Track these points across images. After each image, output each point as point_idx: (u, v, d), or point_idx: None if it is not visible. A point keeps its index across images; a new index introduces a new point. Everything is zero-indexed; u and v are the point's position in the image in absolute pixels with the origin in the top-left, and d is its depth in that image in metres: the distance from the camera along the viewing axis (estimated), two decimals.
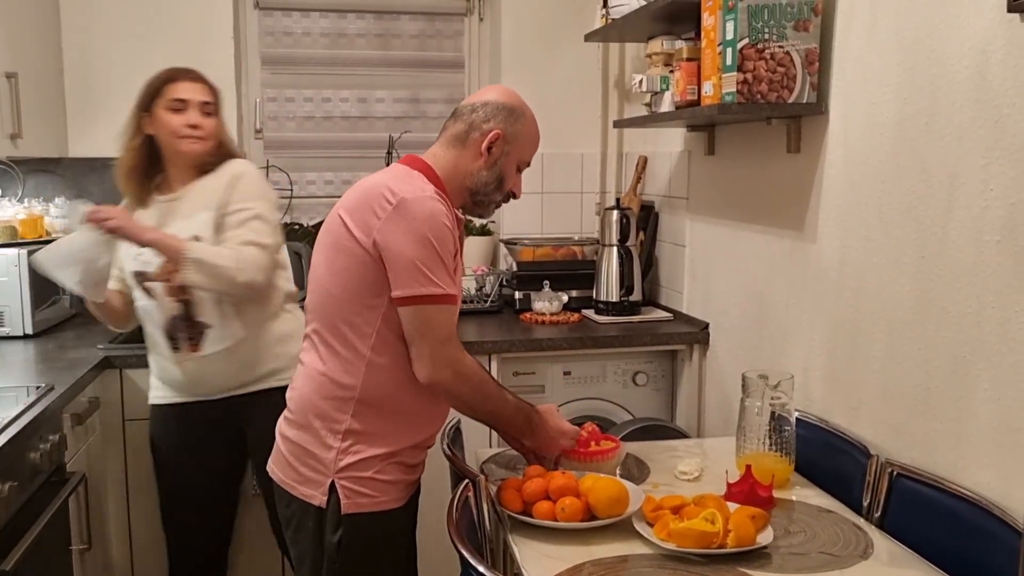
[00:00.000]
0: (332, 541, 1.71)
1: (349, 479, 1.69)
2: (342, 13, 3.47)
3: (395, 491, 1.74)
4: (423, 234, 1.61)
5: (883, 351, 1.88)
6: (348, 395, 1.68)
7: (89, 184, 3.17)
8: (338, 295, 1.68)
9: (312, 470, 1.72)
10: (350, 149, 3.52)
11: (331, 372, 1.70)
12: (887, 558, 1.57)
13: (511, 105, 1.80)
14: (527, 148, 1.83)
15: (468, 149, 1.77)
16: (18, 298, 2.69)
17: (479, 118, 1.77)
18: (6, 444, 1.74)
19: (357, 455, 1.69)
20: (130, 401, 2.55)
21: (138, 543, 2.61)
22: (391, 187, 1.64)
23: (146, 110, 2.24)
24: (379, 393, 1.69)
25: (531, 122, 1.83)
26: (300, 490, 1.73)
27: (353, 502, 1.69)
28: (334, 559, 1.71)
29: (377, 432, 1.70)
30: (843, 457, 1.93)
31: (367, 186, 1.69)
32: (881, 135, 1.87)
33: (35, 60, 2.84)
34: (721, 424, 2.74)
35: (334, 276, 1.69)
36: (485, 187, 1.79)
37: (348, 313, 1.67)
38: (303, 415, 1.74)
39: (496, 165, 1.78)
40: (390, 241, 1.61)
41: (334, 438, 1.69)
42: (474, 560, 1.40)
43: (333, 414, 1.70)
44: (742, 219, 2.55)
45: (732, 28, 2.05)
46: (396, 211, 1.61)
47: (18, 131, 2.61)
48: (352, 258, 1.65)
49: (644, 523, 1.63)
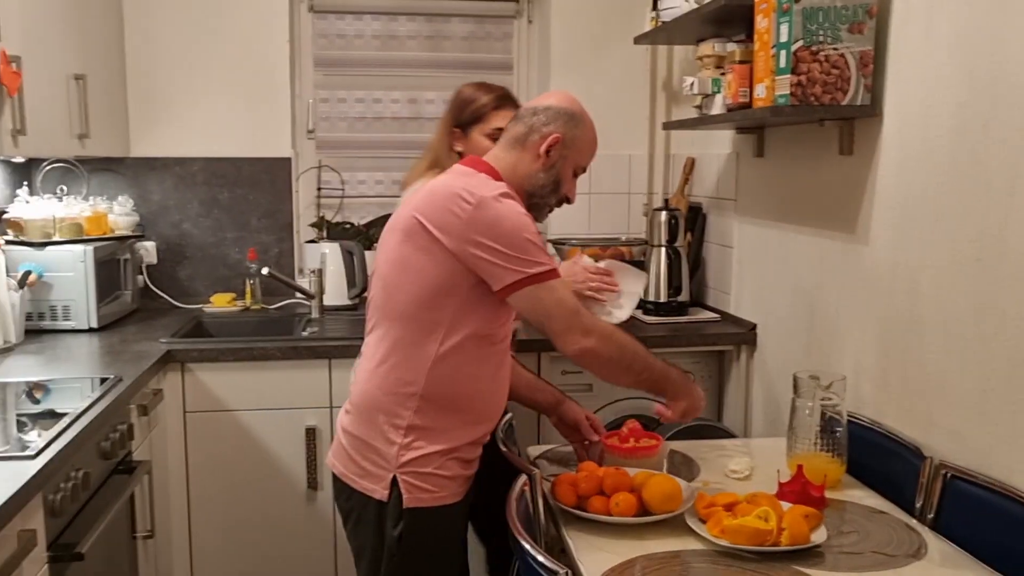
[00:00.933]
0: (392, 535, 1.75)
1: (411, 474, 1.73)
2: (393, 16, 3.53)
3: (454, 486, 1.78)
4: (510, 226, 1.66)
5: (937, 353, 1.89)
6: (412, 391, 1.73)
7: (149, 183, 3.27)
8: (410, 293, 1.72)
9: (374, 464, 1.76)
10: (400, 149, 3.57)
11: (396, 368, 1.74)
12: (940, 559, 1.58)
13: (571, 110, 1.83)
14: (584, 153, 1.87)
15: (527, 151, 1.81)
16: (84, 293, 2.78)
17: (539, 122, 1.81)
18: (80, 432, 1.82)
19: (419, 451, 1.73)
20: (191, 394, 2.63)
21: (197, 532, 2.70)
22: (466, 188, 1.68)
23: (463, 128, 2.24)
24: (442, 389, 1.73)
25: (589, 128, 1.87)
26: (361, 484, 1.78)
27: (414, 496, 1.73)
28: (394, 552, 1.75)
29: (438, 428, 1.74)
30: (895, 459, 1.93)
31: (438, 188, 1.73)
32: (937, 137, 1.88)
33: (101, 63, 2.94)
34: (768, 425, 2.74)
35: (405, 275, 1.72)
36: (542, 189, 1.83)
37: (418, 311, 1.71)
38: (366, 410, 1.78)
39: (554, 168, 1.82)
40: (479, 239, 1.65)
41: (396, 433, 1.74)
42: (533, 549, 1.43)
43: (396, 409, 1.74)
44: (791, 221, 2.55)
45: (786, 30, 2.06)
46: (477, 210, 1.65)
47: (86, 131, 2.70)
48: (429, 257, 1.69)
49: (697, 520, 1.65)
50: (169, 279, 3.31)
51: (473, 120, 2.22)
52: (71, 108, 2.64)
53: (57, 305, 2.78)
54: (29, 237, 2.77)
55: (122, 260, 3.03)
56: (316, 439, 2.70)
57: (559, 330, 1.70)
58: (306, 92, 3.50)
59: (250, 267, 3.25)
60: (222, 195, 3.32)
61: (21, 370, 2.34)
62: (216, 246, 3.34)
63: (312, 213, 3.48)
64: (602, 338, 1.72)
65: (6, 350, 2.53)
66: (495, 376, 1.82)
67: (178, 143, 3.27)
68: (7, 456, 1.65)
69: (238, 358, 2.64)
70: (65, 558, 1.69)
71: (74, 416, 1.88)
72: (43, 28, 2.46)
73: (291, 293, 3.30)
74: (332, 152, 3.54)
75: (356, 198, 3.56)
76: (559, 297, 1.70)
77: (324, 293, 3.15)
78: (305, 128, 3.51)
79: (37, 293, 2.74)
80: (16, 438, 1.82)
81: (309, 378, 2.69)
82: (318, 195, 3.50)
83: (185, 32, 3.23)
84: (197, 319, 3.08)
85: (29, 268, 2.70)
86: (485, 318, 1.74)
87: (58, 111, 2.56)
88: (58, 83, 2.56)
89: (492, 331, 1.77)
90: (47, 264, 2.75)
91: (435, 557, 1.79)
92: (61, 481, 1.73)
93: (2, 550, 1.44)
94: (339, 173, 3.51)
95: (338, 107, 3.55)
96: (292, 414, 2.69)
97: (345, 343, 2.68)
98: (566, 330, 1.70)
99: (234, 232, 3.35)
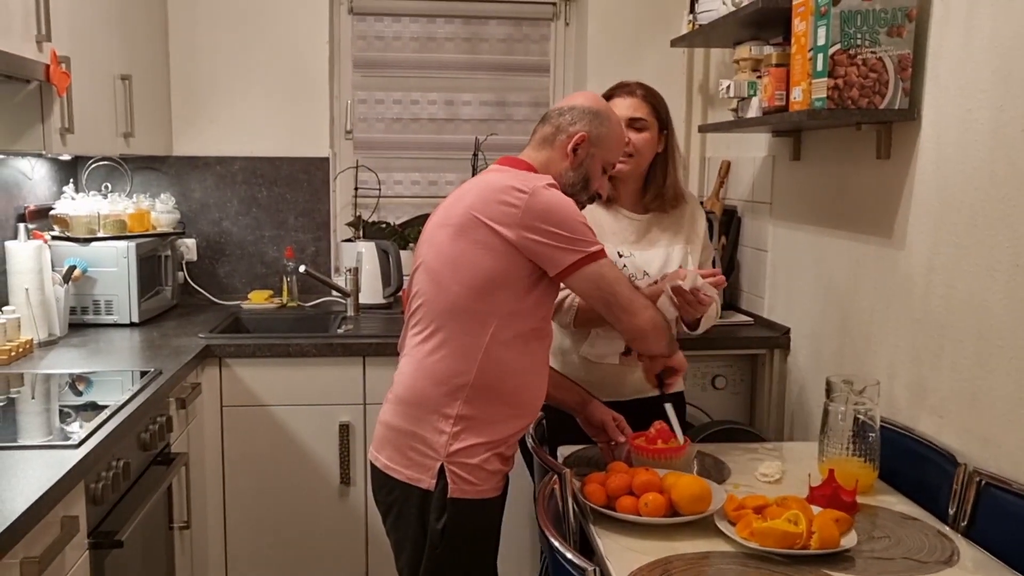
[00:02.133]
0: (436, 527, 1.77)
1: (458, 465, 1.76)
2: (431, 18, 3.57)
3: (494, 480, 1.82)
4: (566, 213, 1.73)
5: (972, 359, 1.87)
6: (462, 381, 1.76)
7: (191, 181, 3.34)
8: (464, 286, 1.75)
9: (421, 455, 1.78)
10: (437, 151, 3.61)
11: (446, 360, 1.77)
12: (973, 566, 1.56)
13: (596, 109, 1.89)
14: (612, 150, 1.92)
15: (556, 151, 1.87)
16: (126, 288, 2.84)
17: (566, 121, 1.87)
18: (121, 424, 1.86)
19: (466, 441, 1.76)
20: (228, 388, 2.68)
21: (232, 525, 2.75)
22: (515, 182, 1.74)
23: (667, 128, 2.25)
24: (492, 381, 1.77)
25: (616, 125, 1.92)
26: (406, 473, 1.80)
27: (459, 488, 1.76)
28: (436, 544, 1.78)
29: (486, 419, 1.78)
30: (928, 465, 1.92)
31: (487, 185, 1.77)
32: (975, 142, 1.86)
33: (146, 64, 3.01)
34: (800, 429, 2.73)
35: (458, 270, 1.75)
36: (572, 187, 1.86)
37: (472, 303, 1.75)
38: (414, 402, 1.80)
39: (582, 166, 1.87)
40: (538, 224, 1.71)
41: (446, 423, 1.77)
42: (562, 547, 1.44)
43: (446, 400, 1.77)
44: (826, 225, 2.54)
45: (824, 34, 2.05)
46: (533, 198, 1.71)
47: (130, 130, 2.76)
48: (487, 251, 1.73)
49: (726, 521, 1.65)
50: (208, 276, 3.37)
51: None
52: (117, 107, 2.70)
53: (100, 300, 2.84)
54: (74, 233, 2.84)
55: (163, 257, 3.09)
56: (350, 435, 2.74)
57: (625, 304, 1.78)
58: (345, 93, 3.55)
59: (287, 265, 3.31)
60: (261, 194, 3.38)
61: (65, 362, 2.40)
62: (254, 244, 3.40)
63: (349, 212, 3.53)
64: (656, 311, 1.84)
65: (51, 343, 2.60)
66: (540, 370, 1.87)
67: (219, 142, 3.33)
68: (52, 445, 1.70)
69: (274, 354, 2.69)
70: (105, 545, 1.74)
71: (115, 408, 1.93)
72: (91, 30, 2.52)
73: (327, 291, 3.34)
74: (369, 152, 3.58)
75: (392, 198, 3.60)
76: (619, 275, 1.81)
77: (359, 291, 3.19)
78: (343, 128, 3.55)
79: (81, 288, 2.81)
80: (59, 428, 1.87)
81: (344, 375, 2.73)
82: (355, 195, 3.54)
83: (227, 34, 3.29)
84: (235, 315, 3.14)
85: (74, 263, 2.77)
86: (534, 311, 1.80)
87: (104, 110, 2.62)
88: (105, 83, 2.62)
89: (539, 325, 1.83)
90: (91, 260, 2.82)
91: (475, 550, 1.81)
92: (102, 470, 1.78)
93: (46, 535, 1.49)
94: (376, 173, 3.55)
95: (376, 108, 3.59)
96: (326, 410, 2.73)
97: (379, 341, 2.71)
98: (629, 304, 1.78)
99: (272, 230, 3.40)
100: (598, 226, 2.23)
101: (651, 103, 2.22)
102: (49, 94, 2.24)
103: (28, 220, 2.81)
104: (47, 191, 3.02)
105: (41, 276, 2.55)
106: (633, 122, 2.19)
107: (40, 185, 2.98)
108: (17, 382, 2.21)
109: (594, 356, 2.24)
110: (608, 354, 2.23)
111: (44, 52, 2.17)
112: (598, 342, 2.24)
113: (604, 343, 2.23)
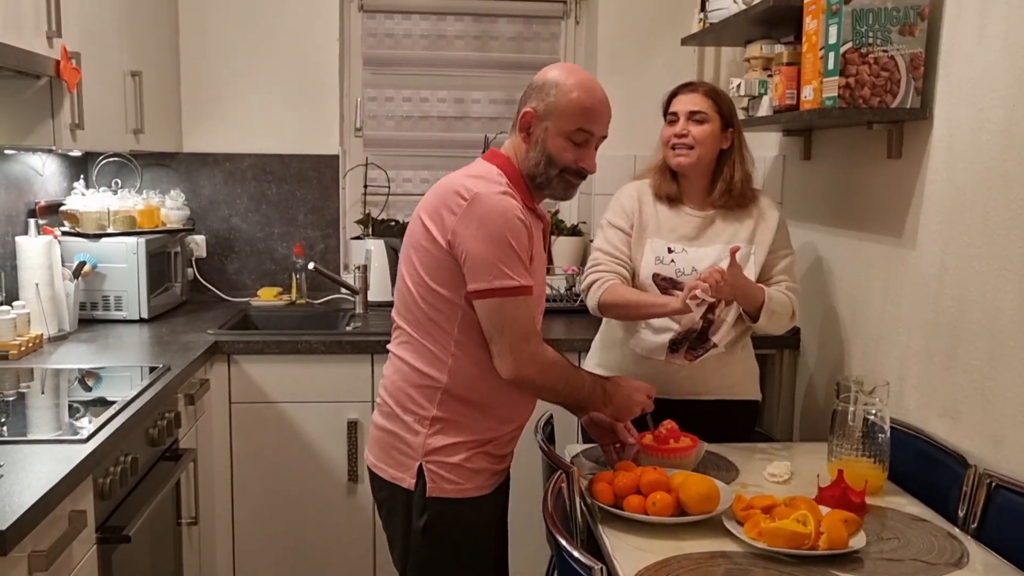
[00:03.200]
0: (418, 525, 1.77)
1: (436, 463, 1.76)
2: (442, 15, 3.57)
3: (480, 479, 1.80)
4: (496, 228, 1.66)
5: (983, 360, 1.86)
6: (435, 385, 1.76)
7: (200, 178, 3.34)
8: (420, 294, 1.75)
9: (402, 454, 1.79)
10: (446, 148, 3.60)
11: (419, 365, 1.77)
12: (983, 568, 1.55)
13: (541, 81, 1.78)
14: (568, 119, 1.74)
15: (518, 136, 1.81)
16: (135, 284, 2.85)
17: (520, 104, 1.81)
18: (130, 419, 1.87)
19: (443, 440, 1.76)
20: (236, 385, 2.69)
21: (239, 521, 2.75)
22: (466, 185, 1.70)
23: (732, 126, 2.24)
24: (464, 386, 1.75)
25: (568, 90, 1.74)
26: (391, 473, 1.81)
27: (438, 486, 1.75)
28: (420, 544, 1.78)
29: (462, 421, 1.77)
30: (938, 467, 1.91)
31: (445, 184, 1.75)
32: (988, 141, 1.85)
33: (156, 60, 3.01)
34: (810, 430, 2.72)
35: (414, 276, 1.76)
36: (535, 168, 1.78)
37: (430, 311, 1.74)
38: (394, 403, 1.81)
39: (539, 144, 1.76)
40: (464, 237, 1.66)
41: (421, 424, 1.76)
42: (569, 545, 1.44)
43: (421, 402, 1.77)
44: (837, 224, 2.53)
45: (835, 32, 2.04)
46: (470, 207, 1.67)
47: (140, 127, 2.77)
48: (430, 257, 1.72)
49: (734, 521, 1.65)
50: (217, 272, 3.38)
51: (664, 109, 2.29)
52: (127, 104, 2.71)
53: (110, 295, 2.85)
54: (84, 229, 2.85)
55: (172, 253, 3.10)
56: (357, 432, 2.74)
57: (503, 351, 1.70)
58: (354, 90, 3.55)
59: (296, 262, 3.31)
60: (270, 191, 3.39)
61: (74, 357, 2.41)
62: (264, 241, 3.40)
63: (358, 210, 3.53)
64: (542, 369, 1.73)
65: (61, 338, 2.61)
66: None
67: (229, 139, 3.34)
68: (60, 440, 1.70)
69: (283, 351, 2.69)
70: (113, 540, 1.74)
71: (124, 403, 1.94)
72: (101, 26, 2.53)
73: (336, 288, 3.35)
74: (379, 150, 3.58)
75: (402, 196, 3.60)
76: (515, 316, 1.69)
77: (368, 289, 3.19)
78: (353, 126, 3.55)
79: (91, 283, 2.82)
80: (68, 423, 1.87)
81: (352, 372, 2.73)
82: (364, 192, 3.54)
83: (237, 31, 3.29)
84: (244, 312, 3.14)
85: (84, 259, 2.78)
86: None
87: (114, 106, 2.63)
88: (115, 79, 2.63)
89: None
90: (101, 255, 2.83)
91: (461, 548, 1.80)
92: (110, 465, 1.79)
93: (54, 529, 1.49)
94: (385, 171, 3.55)
95: (386, 106, 3.59)
96: (334, 407, 2.73)
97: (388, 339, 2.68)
98: (509, 353, 1.70)
99: (281, 227, 3.41)
100: (654, 220, 2.25)
101: (712, 98, 2.22)
102: (59, 90, 2.25)
103: (38, 216, 2.82)
104: (57, 187, 3.04)
105: (51, 271, 2.56)
106: (693, 115, 2.20)
107: (50, 181, 2.99)
108: (27, 377, 2.22)
109: (641, 350, 2.25)
110: (654, 349, 2.23)
111: (55, 48, 2.18)
112: (646, 335, 2.24)
113: (650, 337, 2.23)
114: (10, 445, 1.67)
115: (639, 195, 2.30)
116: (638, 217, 2.26)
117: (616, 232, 2.28)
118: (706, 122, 2.20)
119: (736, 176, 2.23)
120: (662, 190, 2.26)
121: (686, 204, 2.27)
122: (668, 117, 2.26)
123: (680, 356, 2.22)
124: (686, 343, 2.22)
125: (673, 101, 2.26)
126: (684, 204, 2.27)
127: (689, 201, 2.27)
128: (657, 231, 2.25)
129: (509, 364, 1.70)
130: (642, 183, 2.33)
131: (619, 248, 2.26)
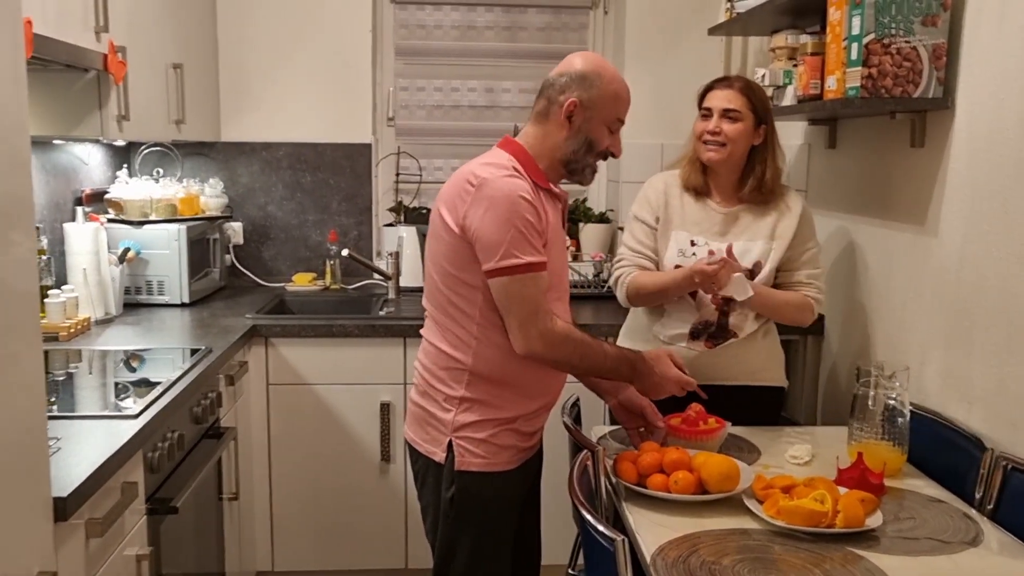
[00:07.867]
0: (446, 497, 1.86)
1: (465, 439, 1.84)
2: (472, 6, 3.62)
3: (507, 455, 1.87)
4: (502, 209, 1.72)
5: (1001, 346, 1.89)
6: (461, 367, 1.83)
7: (238, 167, 3.44)
8: (442, 280, 1.83)
9: (434, 429, 1.88)
10: (476, 137, 3.66)
11: (446, 349, 1.85)
12: (997, 547, 1.59)
13: (583, 72, 1.84)
14: (610, 108, 1.86)
15: (551, 123, 1.86)
16: (177, 270, 2.95)
17: (556, 91, 1.85)
18: (177, 396, 1.96)
19: (471, 417, 1.84)
20: (273, 367, 2.78)
21: (277, 497, 2.85)
22: (475, 171, 1.77)
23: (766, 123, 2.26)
24: (489, 367, 1.83)
25: (609, 82, 1.85)
26: (425, 447, 1.90)
27: (465, 460, 1.84)
28: (448, 513, 1.87)
29: (489, 400, 1.84)
30: (956, 450, 1.94)
31: (457, 174, 1.82)
32: (1008, 130, 1.88)
33: (196, 52, 3.10)
34: (832, 414, 2.76)
35: (437, 264, 1.84)
36: (575, 154, 1.86)
37: (453, 296, 1.82)
38: (426, 383, 1.90)
39: (580, 132, 1.85)
40: (473, 220, 1.74)
41: (450, 402, 1.85)
42: (594, 520, 1.51)
43: (450, 383, 1.85)
44: (861, 212, 2.56)
45: (859, 23, 2.07)
46: (478, 191, 1.74)
47: (182, 117, 2.86)
48: (448, 245, 1.80)
49: (754, 500, 1.70)
50: (254, 258, 3.48)
51: (699, 102, 2.32)
52: (169, 95, 2.80)
53: (153, 280, 2.96)
54: (128, 216, 2.95)
55: (212, 239, 3.20)
56: (390, 414, 2.82)
57: (512, 327, 1.77)
58: (387, 81, 3.62)
59: (330, 248, 3.40)
60: (305, 179, 3.47)
61: (120, 339, 2.51)
62: (299, 228, 3.49)
63: (390, 198, 3.61)
64: (552, 345, 1.78)
65: (107, 321, 2.71)
66: None
67: (265, 129, 3.43)
68: (113, 416, 1.80)
69: (318, 334, 2.78)
70: (162, 511, 1.84)
71: (169, 383, 2.03)
72: (145, 20, 2.62)
73: (369, 274, 3.43)
74: (410, 139, 3.65)
75: (433, 184, 3.67)
76: (523, 294, 1.75)
77: (400, 275, 3.27)
78: (385, 115, 3.63)
79: (135, 269, 2.92)
80: (113, 403, 1.97)
81: (384, 355, 2.81)
82: (396, 180, 3.62)
83: (274, 23, 3.37)
84: (280, 297, 3.24)
85: (128, 245, 2.88)
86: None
87: (158, 98, 2.72)
88: (158, 72, 2.72)
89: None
90: (144, 242, 2.93)
91: (485, 520, 1.88)
92: (158, 440, 1.88)
93: (108, 499, 1.59)
94: (417, 160, 3.62)
95: (417, 95, 3.66)
96: (368, 389, 2.82)
97: (419, 323, 2.72)
98: (517, 329, 1.76)
99: (316, 215, 3.49)
100: (679, 213, 2.29)
101: (747, 95, 2.22)
102: (106, 83, 2.34)
103: (85, 204, 2.93)
104: (102, 176, 3.14)
105: (97, 257, 2.66)
106: (726, 112, 2.21)
107: (95, 170, 3.09)
108: (76, 358, 2.32)
109: (664, 336, 2.29)
110: (676, 335, 2.27)
111: (102, 42, 2.27)
112: (668, 322, 2.29)
113: (673, 323, 2.28)
114: (65, 420, 1.76)
115: (666, 187, 2.33)
116: (664, 210, 2.31)
117: (640, 226, 2.33)
118: (739, 120, 2.21)
119: (768, 174, 2.25)
120: (691, 182, 2.30)
121: (713, 197, 2.31)
122: (702, 111, 2.28)
123: (701, 344, 2.27)
124: (706, 333, 2.27)
125: (708, 96, 2.27)
126: (711, 197, 2.31)
127: (717, 195, 2.30)
128: (682, 224, 2.29)
129: (519, 340, 1.77)
130: (670, 174, 2.37)
131: (643, 242, 2.31)
